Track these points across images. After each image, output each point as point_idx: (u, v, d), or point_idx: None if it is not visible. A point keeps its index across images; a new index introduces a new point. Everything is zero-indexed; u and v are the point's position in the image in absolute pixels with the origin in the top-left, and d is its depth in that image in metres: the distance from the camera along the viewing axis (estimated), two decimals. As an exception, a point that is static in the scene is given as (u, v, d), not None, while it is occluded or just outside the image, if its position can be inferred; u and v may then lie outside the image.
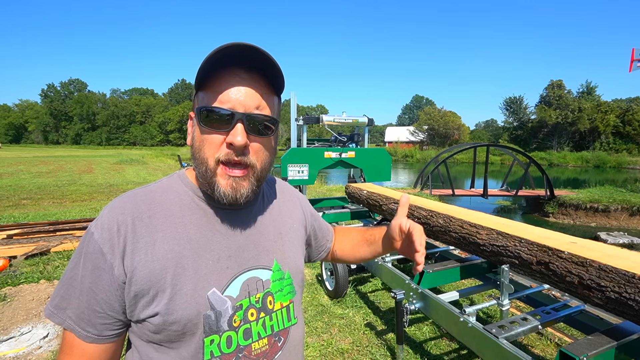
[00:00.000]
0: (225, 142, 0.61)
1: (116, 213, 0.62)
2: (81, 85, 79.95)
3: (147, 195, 0.66)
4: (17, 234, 5.13)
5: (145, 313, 0.60)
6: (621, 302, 1.32)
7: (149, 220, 0.63)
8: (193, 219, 0.66)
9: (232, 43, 0.58)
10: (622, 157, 34.78)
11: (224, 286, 0.64)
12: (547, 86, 46.44)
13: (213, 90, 0.61)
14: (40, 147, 61.06)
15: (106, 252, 0.59)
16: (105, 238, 0.59)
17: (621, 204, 9.45)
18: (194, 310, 0.61)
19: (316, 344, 2.56)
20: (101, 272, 0.59)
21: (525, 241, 1.82)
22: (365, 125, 4.85)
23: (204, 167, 0.63)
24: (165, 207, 0.65)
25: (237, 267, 0.67)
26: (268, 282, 0.70)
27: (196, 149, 0.64)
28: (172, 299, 0.60)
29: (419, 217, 2.71)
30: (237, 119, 0.60)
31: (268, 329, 0.69)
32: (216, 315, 0.63)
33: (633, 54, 11.74)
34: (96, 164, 20.63)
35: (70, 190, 10.46)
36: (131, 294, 0.59)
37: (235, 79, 0.61)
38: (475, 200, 11.28)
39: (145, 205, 0.64)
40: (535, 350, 2.49)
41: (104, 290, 0.59)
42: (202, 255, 0.64)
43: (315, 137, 5.36)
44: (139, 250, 0.60)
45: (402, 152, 46.35)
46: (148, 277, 0.59)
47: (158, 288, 0.59)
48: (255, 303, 0.68)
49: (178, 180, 0.71)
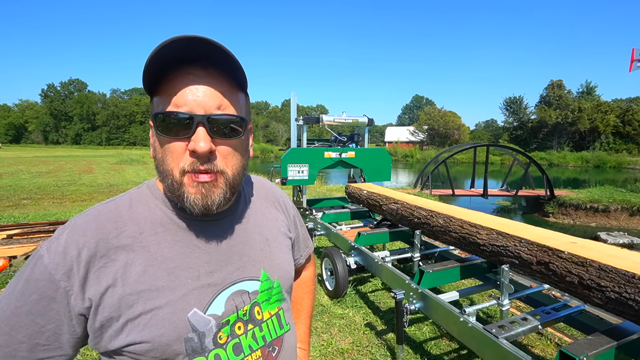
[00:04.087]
0: (188, 149, 0.54)
1: (76, 235, 0.55)
2: (81, 85, 79.87)
3: (112, 212, 0.59)
4: (17, 234, 5.13)
5: (116, 343, 0.54)
6: (621, 302, 1.33)
7: (116, 240, 0.56)
8: (167, 235, 0.60)
9: (176, 37, 0.50)
10: (622, 157, 34.80)
11: (205, 305, 0.59)
12: (547, 86, 46.50)
13: (167, 93, 0.54)
14: (40, 147, 61.09)
15: (59, 280, 0.51)
16: (59, 263, 0.52)
17: (621, 204, 9.45)
18: (172, 335, 0.55)
19: (316, 344, 2.56)
20: (49, 303, 0.51)
21: (525, 241, 1.82)
22: (365, 125, 4.86)
23: (169, 180, 0.56)
24: (135, 224, 0.59)
25: (221, 282, 0.62)
26: (255, 293, 0.66)
27: (159, 161, 0.58)
28: (147, 326, 0.54)
29: (419, 217, 2.71)
30: (197, 122, 0.53)
31: (260, 340, 0.65)
32: (199, 336, 0.57)
33: (633, 54, 11.73)
34: (96, 164, 20.63)
35: (70, 190, 10.46)
36: (96, 324, 0.53)
37: (189, 77, 0.54)
38: (475, 200, 11.28)
39: (111, 224, 0.57)
40: (535, 350, 2.49)
41: (51, 321, 0.52)
42: (179, 275, 0.58)
43: (315, 137, 5.37)
44: (105, 275, 0.54)
45: (402, 152, 46.37)
46: (117, 304, 0.53)
47: (129, 316, 0.54)
48: (242, 316, 0.63)
49: (147, 193, 0.63)
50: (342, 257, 3.18)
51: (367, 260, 2.94)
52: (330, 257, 3.23)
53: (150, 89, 0.56)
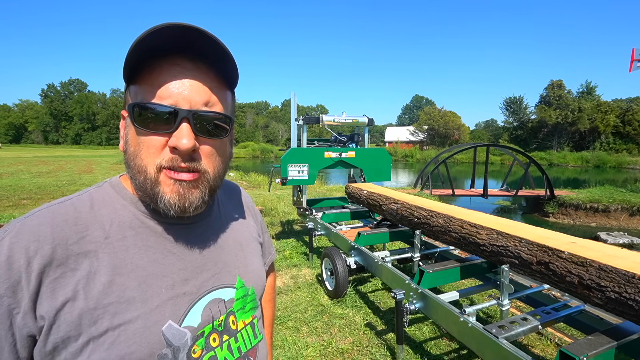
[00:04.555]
0: (168, 145, 0.50)
1: (24, 241, 0.46)
2: (81, 85, 79.90)
3: (70, 214, 0.51)
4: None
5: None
6: (621, 302, 1.32)
7: (77, 246, 0.49)
8: (137, 240, 0.53)
9: (168, 23, 0.46)
10: (622, 157, 34.76)
11: (181, 316, 0.53)
12: (547, 86, 46.49)
13: (149, 84, 0.50)
14: (40, 147, 61.09)
15: (1, 295, 0.43)
16: (1, 276, 0.44)
17: (621, 204, 9.45)
18: (145, 351, 0.49)
19: (316, 344, 2.56)
20: None
21: (525, 241, 1.82)
22: (365, 125, 4.86)
23: (142, 177, 0.51)
24: (99, 228, 0.51)
25: (196, 291, 0.57)
26: (231, 302, 0.61)
27: (131, 155, 0.52)
28: (114, 344, 0.47)
29: (419, 217, 2.71)
30: (181, 117, 0.49)
31: (235, 351, 0.60)
32: (174, 352, 0.51)
33: (633, 54, 11.73)
34: (96, 164, 20.64)
35: (70, 190, 10.46)
36: (48, 346, 0.45)
37: (176, 68, 0.50)
38: (475, 200, 11.28)
39: (70, 227, 0.49)
40: (535, 350, 2.49)
41: None
42: (152, 284, 0.52)
43: (315, 137, 5.37)
44: (62, 288, 0.46)
45: (402, 152, 46.35)
46: (77, 321, 0.45)
47: (91, 333, 0.46)
48: (217, 327, 0.58)
49: (112, 192, 0.57)
50: (342, 257, 3.18)
51: (367, 260, 2.94)
52: (330, 257, 3.23)
53: (128, 76, 0.52)
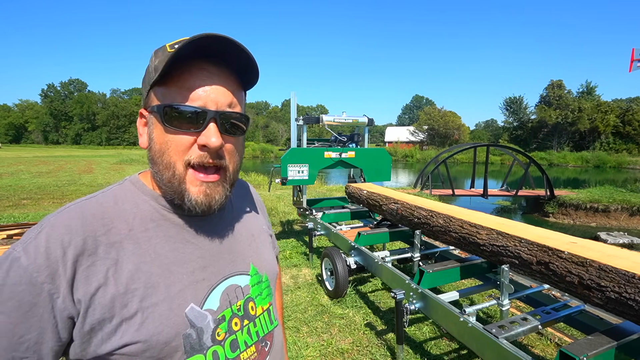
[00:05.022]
0: (197, 143, 0.55)
1: (59, 232, 0.51)
2: (81, 85, 79.85)
3: (97, 209, 0.56)
4: (17, 234, 5.13)
5: (107, 347, 0.51)
6: (621, 302, 1.33)
7: (105, 237, 0.54)
8: (159, 231, 0.59)
9: (208, 34, 0.51)
10: (622, 157, 34.75)
11: (202, 300, 0.59)
12: (547, 86, 46.46)
13: (178, 86, 0.54)
14: (40, 147, 61.08)
15: (42, 282, 0.48)
16: (41, 265, 0.48)
17: (621, 204, 9.44)
18: (171, 332, 0.54)
19: (316, 344, 2.56)
20: (30, 308, 0.47)
21: (525, 241, 1.82)
22: (365, 125, 4.86)
23: (169, 173, 0.56)
24: (123, 221, 0.57)
25: (214, 277, 0.62)
26: (247, 288, 0.67)
27: (157, 152, 0.57)
28: (143, 324, 0.52)
29: (419, 217, 2.71)
30: (209, 117, 0.55)
31: (254, 335, 0.65)
32: (197, 332, 0.57)
33: (633, 54, 11.73)
34: (96, 164, 20.63)
35: (70, 190, 10.46)
36: (85, 327, 0.50)
37: (204, 73, 0.55)
38: (475, 200, 11.28)
39: (98, 221, 0.55)
40: (535, 350, 2.49)
41: (32, 330, 0.47)
42: (174, 271, 0.57)
43: (315, 137, 5.36)
44: (95, 274, 0.51)
45: (402, 152, 46.34)
46: (110, 304, 0.51)
47: (123, 315, 0.51)
48: (237, 311, 0.63)
49: (133, 188, 0.62)
50: (342, 257, 3.18)
51: (367, 260, 2.94)
52: (330, 257, 3.23)
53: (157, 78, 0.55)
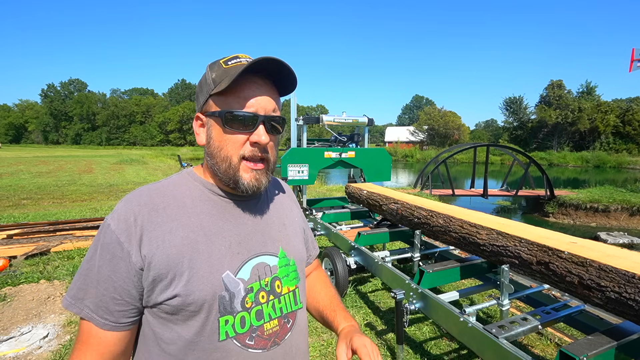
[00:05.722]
0: (250, 141, 0.69)
1: (132, 205, 0.67)
2: (81, 85, 79.84)
3: (160, 190, 0.72)
4: (17, 234, 5.13)
5: (164, 296, 0.64)
6: (621, 302, 1.33)
7: (164, 211, 0.68)
8: (205, 209, 0.72)
9: (265, 58, 0.66)
10: (622, 157, 34.73)
11: (236, 269, 0.70)
12: (547, 86, 46.39)
13: (235, 96, 0.68)
14: (40, 147, 61.04)
15: (123, 241, 0.63)
16: (122, 228, 0.64)
17: (621, 204, 9.45)
18: (210, 291, 0.66)
19: (316, 344, 2.56)
20: (119, 261, 0.63)
21: (525, 241, 1.82)
22: (365, 125, 4.85)
23: (226, 164, 0.70)
24: (178, 199, 0.71)
25: (247, 252, 0.73)
26: (275, 268, 0.76)
27: (216, 148, 0.70)
28: (190, 281, 0.65)
29: (419, 217, 2.71)
30: (260, 120, 0.69)
31: (277, 311, 0.75)
32: (230, 296, 0.68)
33: (633, 54, 11.73)
34: (96, 164, 20.63)
35: (70, 190, 10.46)
36: (149, 278, 0.64)
37: (254, 85, 0.69)
38: (475, 200, 11.28)
39: (159, 198, 0.70)
40: (535, 350, 2.49)
41: (121, 278, 0.63)
42: (214, 241, 0.69)
43: (315, 137, 5.36)
44: (155, 238, 0.65)
45: (402, 152, 46.33)
46: (166, 262, 0.64)
47: (176, 271, 0.64)
48: (264, 286, 0.73)
49: (187, 177, 0.77)
50: (342, 257, 3.18)
51: (367, 260, 2.94)
52: (330, 257, 3.23)
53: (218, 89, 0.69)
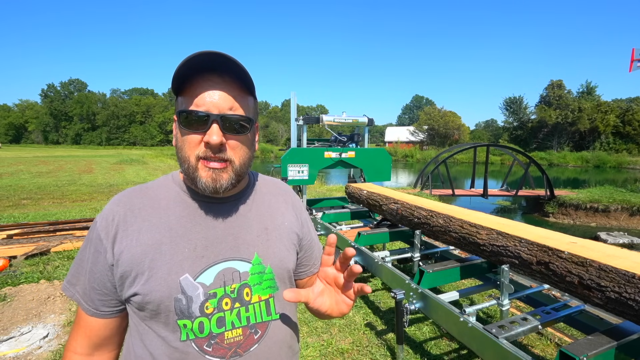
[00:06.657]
0: (203, 141, 0.67)
1: (114, 205, 0.72)
2: (81, 85, 79.76)
3: (142, 191, 0.75)
4: (17, 234, 5.13)
5: (128, 292, 0.68)
6: (621, 302, 1.33)
7: (139, 212, 0.71)
8: (176, 210, 0.73)
9: (200, 52, 0.64)
10: (622, 157, 34.76)
11: (197, 273, 0.69)
12: (547, 86, 46.44)
13: (190, 95, 0.67)
14: (40, 147, 61.02)
15: (103, 238, 0.69)
16: (103, 226, 0.70)
17: (621, 204, 9.45)
18: (165, 292, 0.66)
19: (316, 344, 2.56)
20: (99, 255, 0.69)
21: (525, 241, 1.82)
22: (365, 125, 4.85)
23: (186, 165, 0.69)
24: (155, 201, 0.74)
25: (213, 257, 0.71)
26: (246, 274, 0.73)
27: (179, 149, 0.71)
28: (148, 281, 0.67)
29: (419, 217, 2.71)
30: (212, 120, 0.66)
31: (243, 319, 0.71)
32: (187, 299, 0.67)
33: (633, 54, 11.74)
34: (96, 164, 20.62)
35: (70, 190, 10.46)
36: (118, 274, 0.68)
37: (208, 83, 0.67)
38: (475, 200, 11.29)
39: (138, 199, 0.73)
40: (535, 350, 2.49)
41: (99, 270, 0.69)
42: (179, 243, 0.70)
43: (315, 137, 5.36)
44: (127, 237, 0.69)
45: (402, 152, 46.34)
46: (130, 260, 0.67)
47: (138, 270, 0.67)
48: (230, 293, 0.71)
49: (170, 178, 0.79)
50: (342, 257, 3.17)
51: (367, 260, 2.94)
52: (330, 257, 3.22)
53: (176, 90, 0.70)
